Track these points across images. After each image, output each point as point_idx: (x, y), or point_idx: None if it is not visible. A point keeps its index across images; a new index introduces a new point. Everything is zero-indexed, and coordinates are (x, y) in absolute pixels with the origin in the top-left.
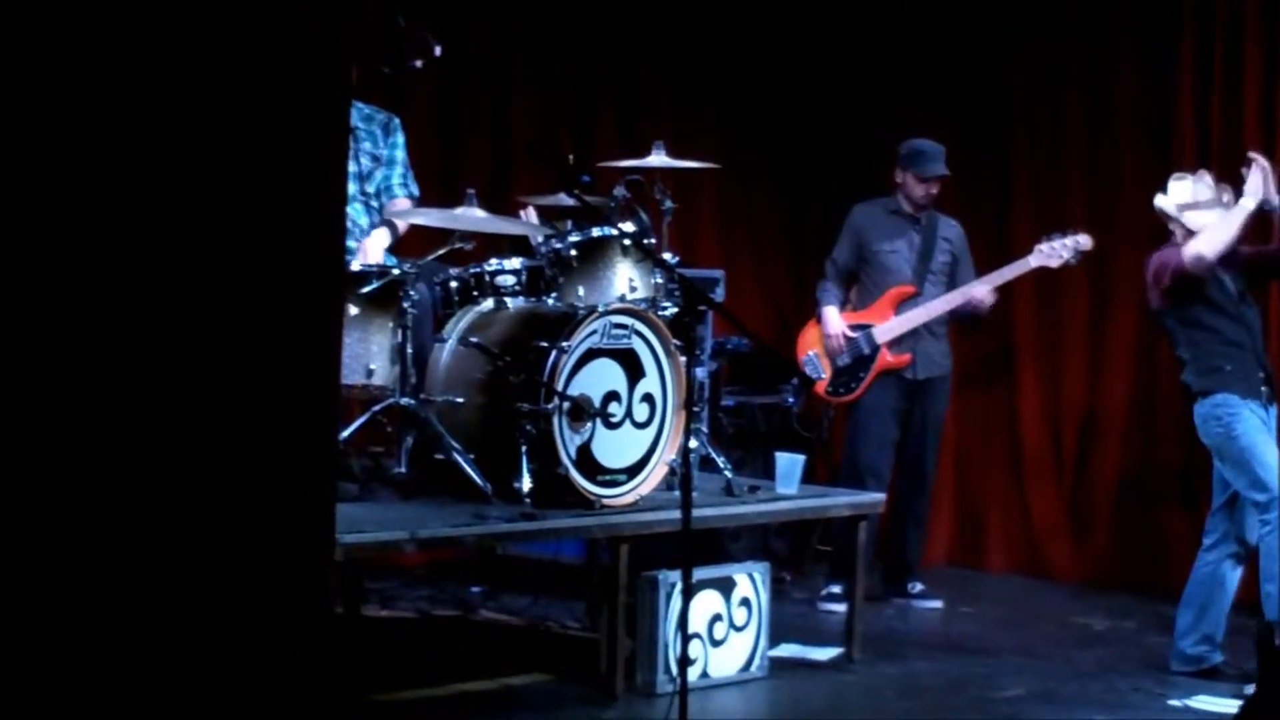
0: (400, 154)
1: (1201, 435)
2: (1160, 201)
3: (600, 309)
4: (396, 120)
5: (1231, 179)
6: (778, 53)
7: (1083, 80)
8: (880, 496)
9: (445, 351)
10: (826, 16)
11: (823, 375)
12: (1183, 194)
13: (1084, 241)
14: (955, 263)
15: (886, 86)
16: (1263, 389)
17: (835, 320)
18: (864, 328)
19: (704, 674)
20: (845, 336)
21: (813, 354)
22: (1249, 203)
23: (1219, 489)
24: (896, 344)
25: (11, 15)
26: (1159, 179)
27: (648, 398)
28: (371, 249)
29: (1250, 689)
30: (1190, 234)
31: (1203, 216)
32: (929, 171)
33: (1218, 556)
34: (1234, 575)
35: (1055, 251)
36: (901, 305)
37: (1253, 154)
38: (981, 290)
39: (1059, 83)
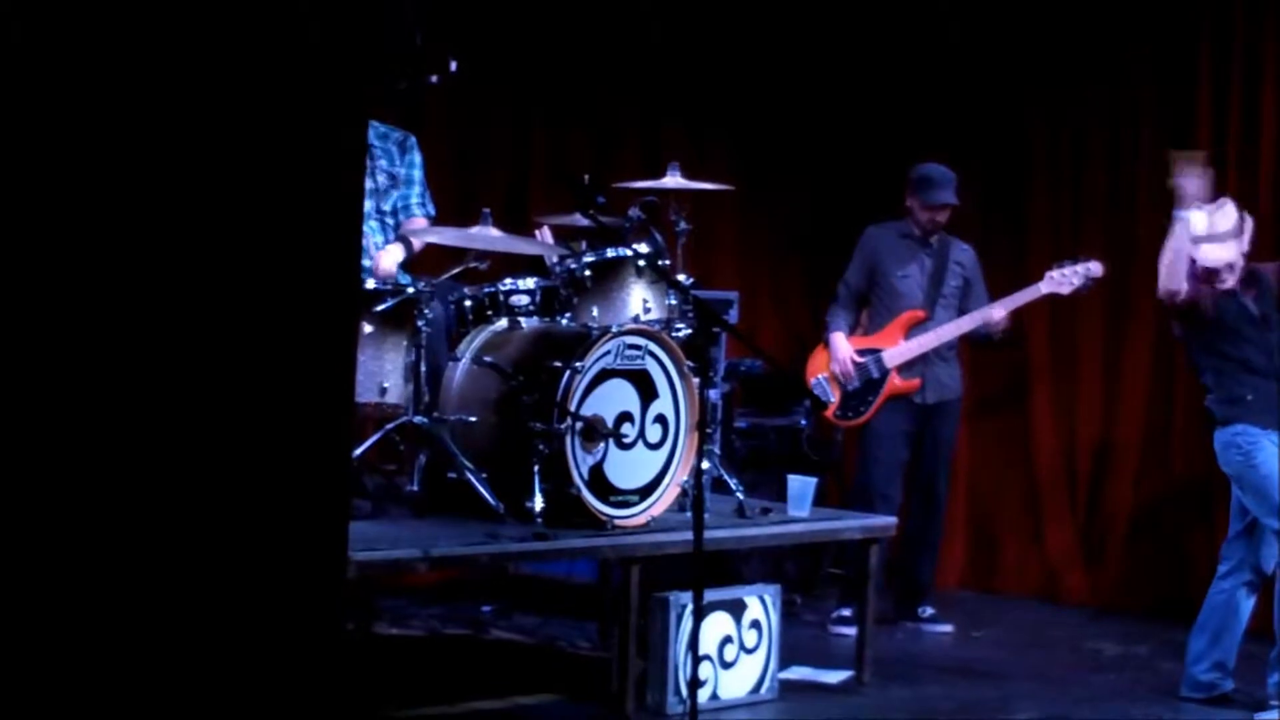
0: (418, 173)
1: (1221, 463)
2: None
3: (614, 329)
4: (413, 139)
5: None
6: (797, 75)
7: (1101, 105)
8: (892, 520)
9: (459, 370)
10: (846, 40)
11: (832, 399)
12: (1199, 225)
13: (1095, 269)
14: (967, 287)
15: (905, 109)
16: None
17: (843, 346)
18: (874, 352)
19: (714, 696)
20: (853, 361)
21: (821, 377)
22: (1183, 213)
23: (1236, 516)
24: (906, 368)
25: (12, 16)
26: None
27: (660, 419)
28: (385, 259)
29: (1261, 715)
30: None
31: (1218, 250)
32: (934, 200)
33: (1233, 584)
34: (1248, 603)
35: (1066, 278)
36: (912, 330)
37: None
38: (998, 313)
39: (1077, 107)
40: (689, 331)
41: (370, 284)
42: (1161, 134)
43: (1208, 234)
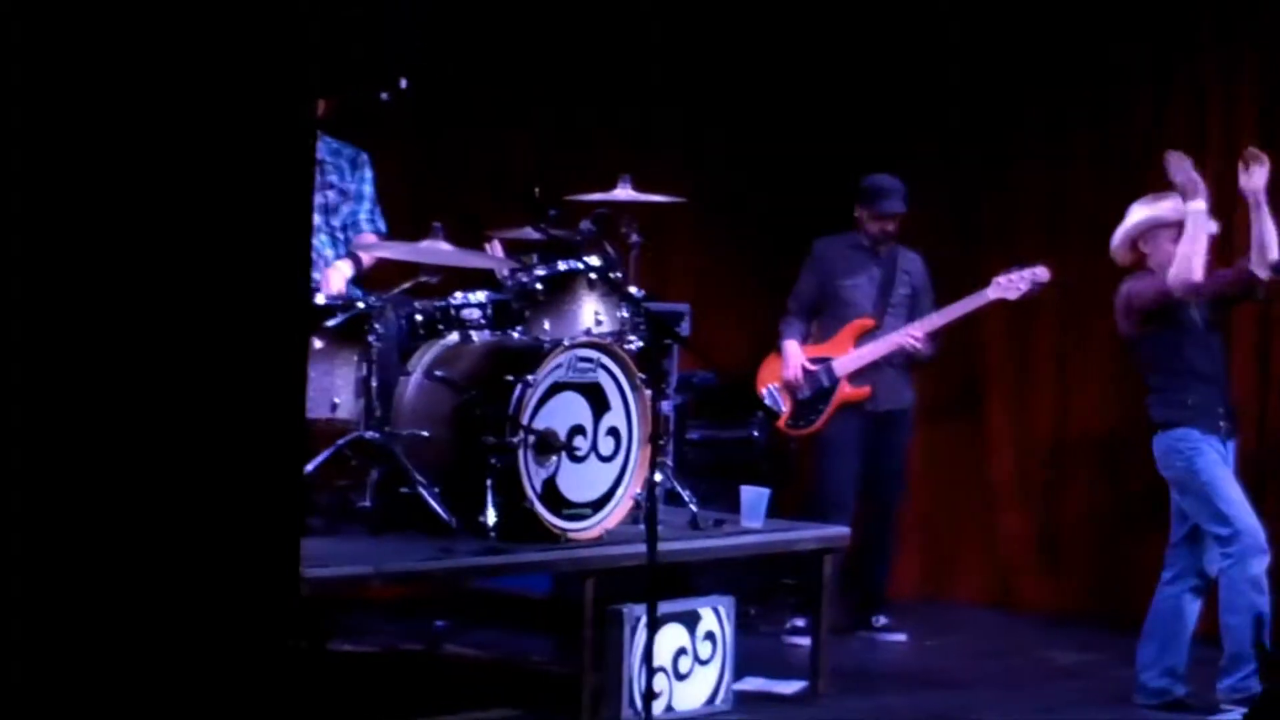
0: (368, 189)
1: (1161, 468)
2: (1132, 220)
3: (566, 343)
4: (365, 155)
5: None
6: (752, 87)
7: (1049, 113)
8: (846, 530)
9: (411, 385)
10: (799, 50)
11: (783, 409)
12: (1151, 210)
13: (1041, 274)
14: (916, 295)
15: (859, 120)
16: (1222, 424)
17: (795, 354)
18: (824, 361)
19: (669, 708)
20: (804, 370)
21: (773, 387)
22: (1197, 204)
23: (1178, 522)
24: (857, 377)
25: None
26: (1127, 207)
27: (613, 431)
28: (334, 279)
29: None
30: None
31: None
32: (884, 209)
33: (1178, 590)
34: (1194, 607)
35: (1013, 284)
36: (862, 338)
37: (1249, 150)
38: (907, 340)
39: (1027, 114)
40: (641, 344)
41: (321, 299)
42: (1111, 145)
43: (1172, 208)
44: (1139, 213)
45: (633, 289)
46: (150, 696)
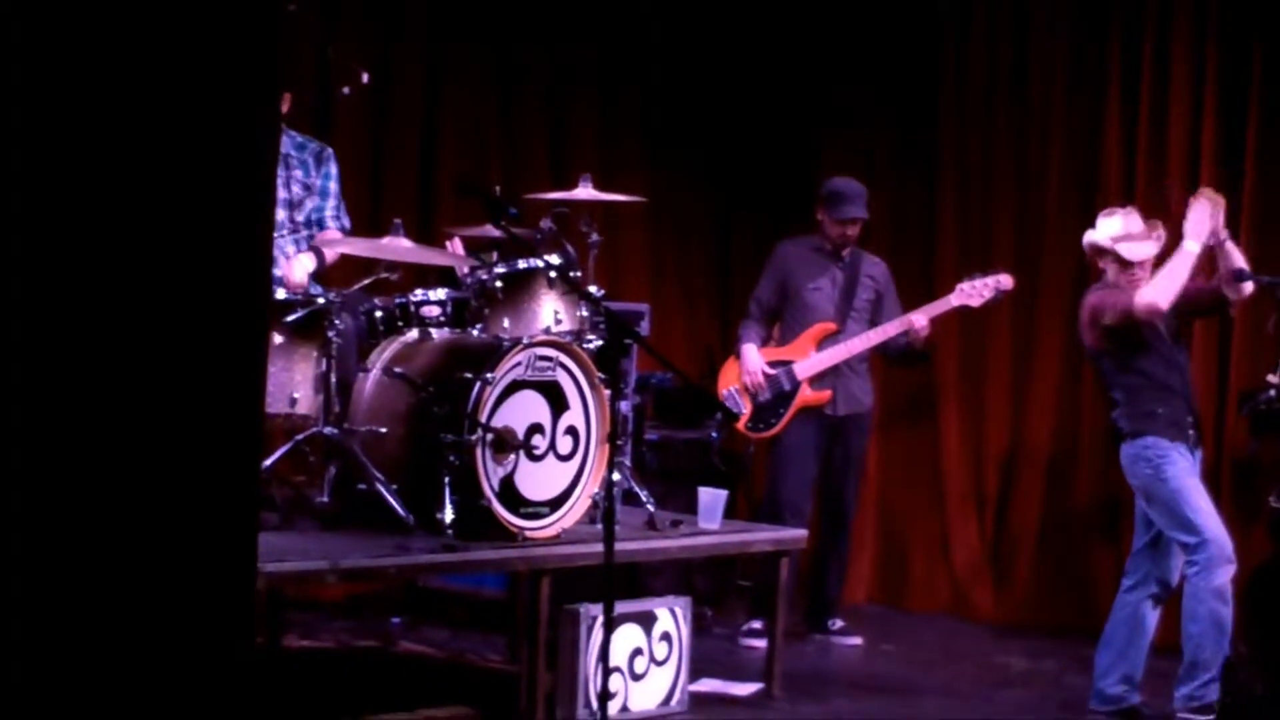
0: (333, 185)
1: (1129, 476)
2: (1091, 236)
3: (525, 341)
4: (329, 150)
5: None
6: (709, 87)
7: (1011, 120)
8: (802, 533)
9: (369, 382)
10: (759, 51)
11: (743, 411)
12: (1115, 227)
13: (1005, 281)
14: (878, 300)
15: (818, 122)
16: (1190, 433)
17: (754, 358)
18: (785, 364)
19: (624, 708)
20: (764, 374)
21: (732, 389)
22: (1194, 245)
23: (1141, 529)
24: (817, 381)
25: None
26: (1084, 218)
27: (571, 430)
28: (296, 270)
29: None
30: (1126, 265)
31: (1139, 249)
32: (843, 214)
33: (1138, 597)
34: (1153, 616)
35: (977, 290)
36: (823, 342)
37: (1204, 190)
38: (920, 319)
39: (988, 122)
40: (600, 343)
41: (281, 294)
42: (1070, 153)
43: (1124, 234)
44: (1108, 227)
45: (592, 288)
46: (102, 691)
